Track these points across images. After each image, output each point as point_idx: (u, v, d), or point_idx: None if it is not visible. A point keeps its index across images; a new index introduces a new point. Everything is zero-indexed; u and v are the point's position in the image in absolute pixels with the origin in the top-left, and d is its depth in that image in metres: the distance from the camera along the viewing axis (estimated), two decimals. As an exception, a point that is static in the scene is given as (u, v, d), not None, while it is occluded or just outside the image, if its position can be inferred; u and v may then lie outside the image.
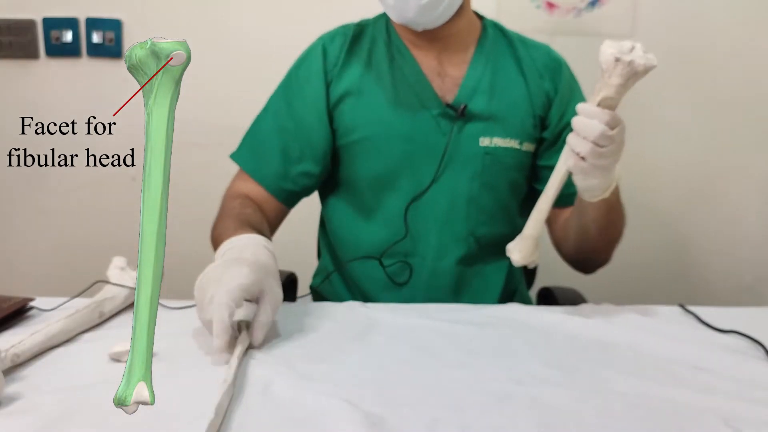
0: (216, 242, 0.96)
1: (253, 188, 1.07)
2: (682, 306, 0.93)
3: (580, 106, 0.83)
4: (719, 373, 0.72)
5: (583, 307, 0.95)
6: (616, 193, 0.94)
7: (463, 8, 1.04)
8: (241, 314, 0.79)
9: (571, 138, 0.84)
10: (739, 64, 1.64)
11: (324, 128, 1.05)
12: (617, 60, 0.79)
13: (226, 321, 0.71)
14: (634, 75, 0.79)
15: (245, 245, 0.85)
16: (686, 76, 1.65)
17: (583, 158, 0.83)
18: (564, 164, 0.87)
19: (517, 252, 0.92)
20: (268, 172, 1.07)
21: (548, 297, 1.16)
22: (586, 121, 0.82)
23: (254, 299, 0.77)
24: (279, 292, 0.79)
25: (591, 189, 0.89)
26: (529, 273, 1.31)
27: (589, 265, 1.10)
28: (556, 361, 0.74)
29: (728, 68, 1.64)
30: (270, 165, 1.07)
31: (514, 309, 0.93)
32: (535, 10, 1.61)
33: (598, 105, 0.82)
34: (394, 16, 1.00)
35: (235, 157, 1.10)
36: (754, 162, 1.69)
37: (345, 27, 1.11)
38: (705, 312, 0.90)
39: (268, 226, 1.04)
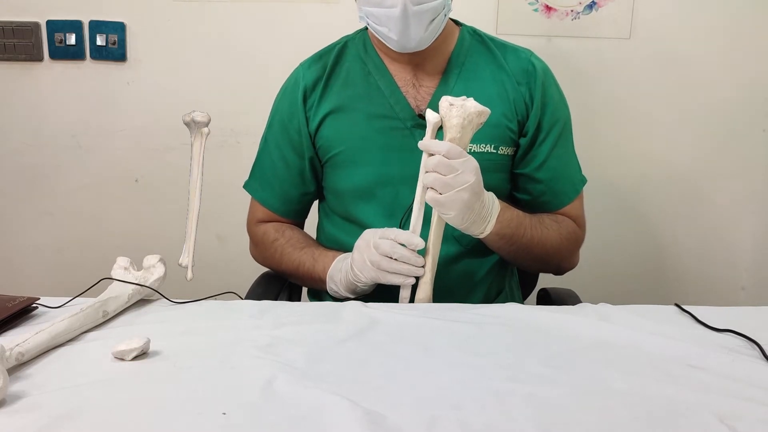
0: (299, 273, 1.11)
1: (269, 212, 1.18)
2: (678, 306, 0.94)
3: (430, 145, 0.92)
4: (715, 372, 0.72)
5: (580, 306, 0.96)
6: (510, 225, 1.00)
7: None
8: None
9: (422, 174, 0.93)
10: (734, 69, 1.64)
11: (309, 152, 1.13)
12: (452, 105, 0.91)
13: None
14: (468, 116, 0.91)
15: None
16: (683, 79, 1.65)
17: (434, 189, 0.91)
18: (433, 211, 0.95)
19: (421, 294, 0.99)
20: (274, 201, 1.18)
21: (546, 299, 1.18)
22: (429, 156, 0.92)
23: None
24: None
25: (466, 229, 0.95)
26: (529, 275, 1.32)
27: (549, 271, 1.18)
28: (554, 360, 0.75)
29: (724, 72, 1.64)
30: (275, 193, 1.17)
31: (512, 309, 0.93)
32: (533, 14, 1.61)
33: None
34: (394, 47, 1.05)
35: (246, 187, 1.20)
36: (748, 163, 1.70)
37: (326, 50, 1.16)
38: (701, 311, 0.90)
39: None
